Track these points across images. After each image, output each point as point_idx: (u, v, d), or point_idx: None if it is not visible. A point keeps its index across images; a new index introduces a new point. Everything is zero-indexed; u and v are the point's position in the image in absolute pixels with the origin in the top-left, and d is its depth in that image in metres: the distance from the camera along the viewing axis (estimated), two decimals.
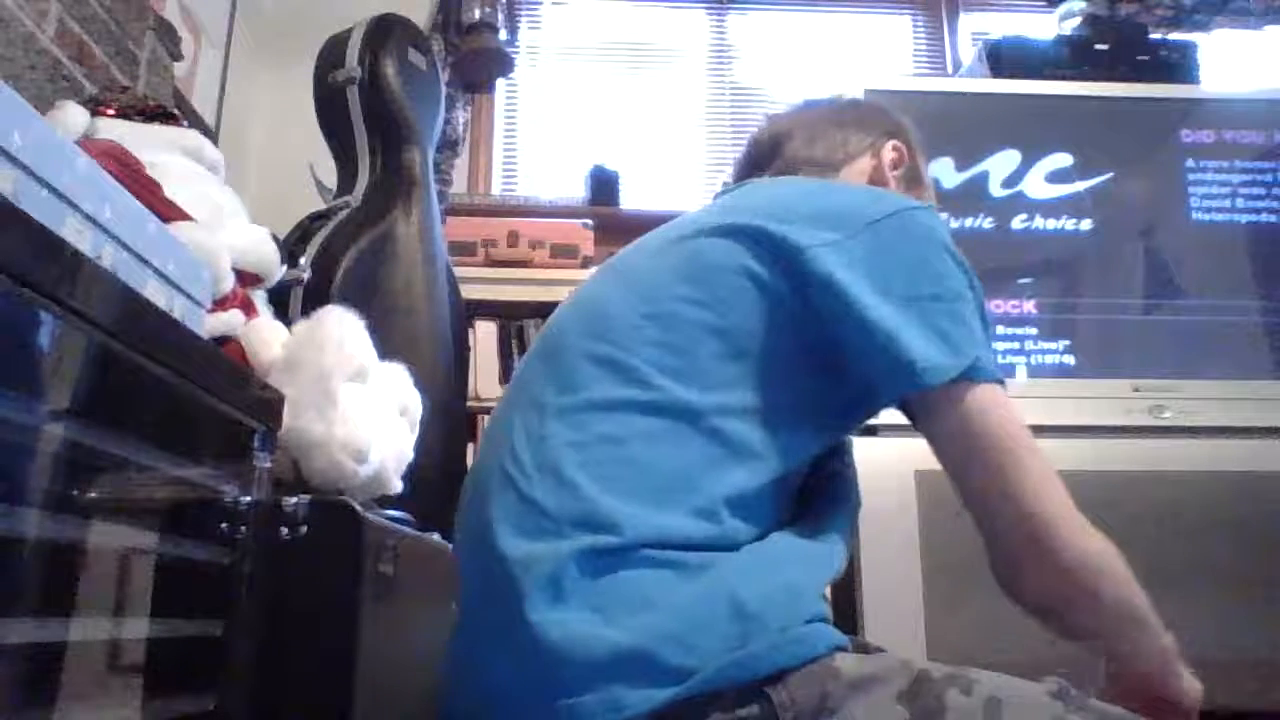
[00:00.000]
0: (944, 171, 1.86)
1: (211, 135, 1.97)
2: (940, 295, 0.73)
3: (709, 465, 0.69)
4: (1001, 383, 0.74)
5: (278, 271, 1.11)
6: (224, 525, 0.75)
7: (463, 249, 2.12)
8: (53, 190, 0.56)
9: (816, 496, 0.81)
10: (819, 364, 0.74)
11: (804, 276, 0.72)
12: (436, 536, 1.11)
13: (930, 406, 0.73)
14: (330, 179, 1.69)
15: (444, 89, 2.07)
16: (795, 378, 0.74)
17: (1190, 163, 1.92)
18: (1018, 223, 1.86)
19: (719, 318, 0.73)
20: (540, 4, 2.80)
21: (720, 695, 0.60)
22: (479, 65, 2.54)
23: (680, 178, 2.67)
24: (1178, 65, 2.10)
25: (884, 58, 2.83)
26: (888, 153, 0.99)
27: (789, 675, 0.61)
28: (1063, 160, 1.89)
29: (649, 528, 0.66)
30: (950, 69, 2.76)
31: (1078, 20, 2.28)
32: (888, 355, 0.71)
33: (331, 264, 1.42)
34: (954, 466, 0.74)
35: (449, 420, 1.58)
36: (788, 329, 0.73)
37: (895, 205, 0.77)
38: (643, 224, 0.89)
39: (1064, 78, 2.02)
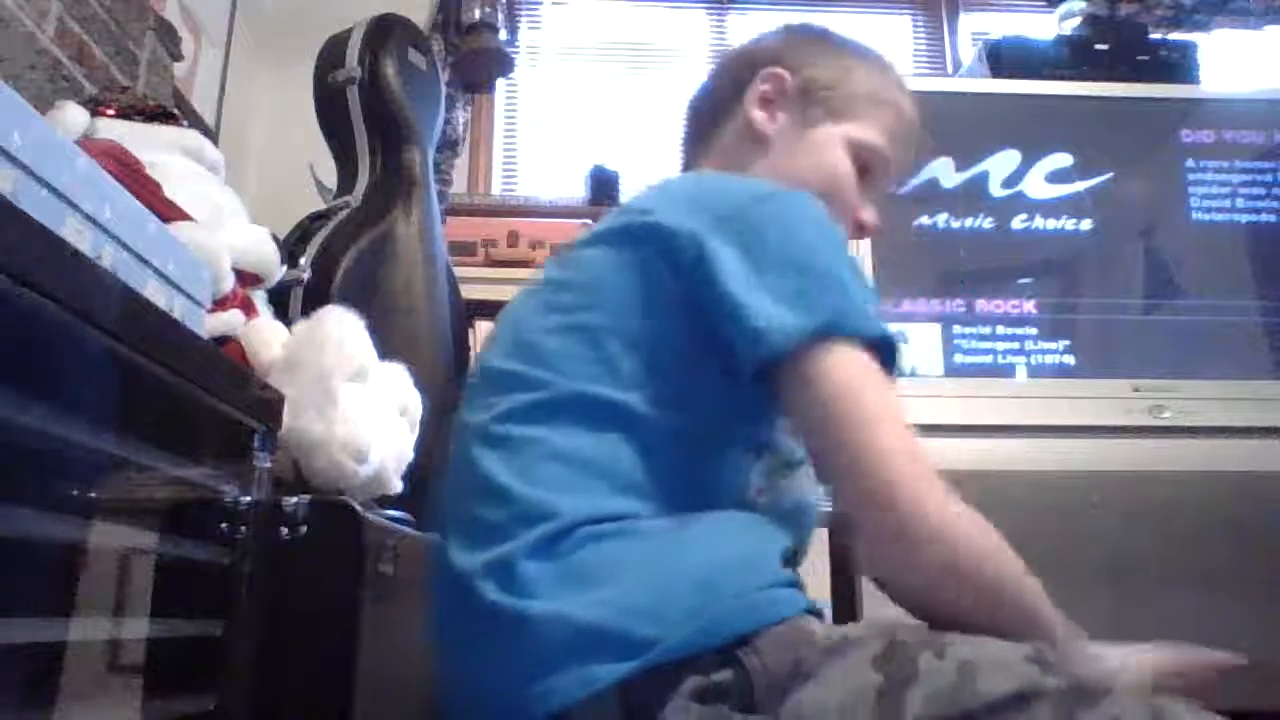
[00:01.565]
0: (944, 171, 1.86)
1: (211, 135, 1.97)
2: (801, 262, 0.69)
3: (636, 451, 0.69)
4: (882, 346, 0.68)
5: (278, 271, 1.11)
6: (224, 525, 0.75)
7: (463, 249, 2.12)
8: (53, 190, 0.56)
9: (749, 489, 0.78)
10: (710, 345, 0.71)
11: (680, 256, 0.71)
12: (436, 537, 1.11)
13: (784, 379, 0.68)
14: (330, 179, 1.69)
15: (444, 89, 2.07)
16: (694, 363, 0.72)
17: (1190, 163, 1.92)
18: (1018, 223, 1.86)
19: (611, 319, 0.72)
20: (540, 4, 2.80)
21: (691, 662, 0.61)
22: (479, 65, 2.54)
23: None
24: (1178, 65, 2.10)
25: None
26: (754, 95, 0.89)
27: (758, 639, 0.61)
28: (1063, 160, 1.89)
29: (587, 507, 0.67)
30: (950, 69, 2.76)
31: (1078, 20, 2.28)
32: (737, 321, 0.67)
33: (331, 264, 1.42)
34: (807, 443, 0.70)
35: (449, 420, 1.58)
36: (675, 312, 0.71)
37: (747, 196, 0.74)
38: None
39: (1064, 78, 2.02)
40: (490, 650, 0.67)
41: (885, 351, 0.69)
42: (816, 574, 1.58)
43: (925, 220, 1.84)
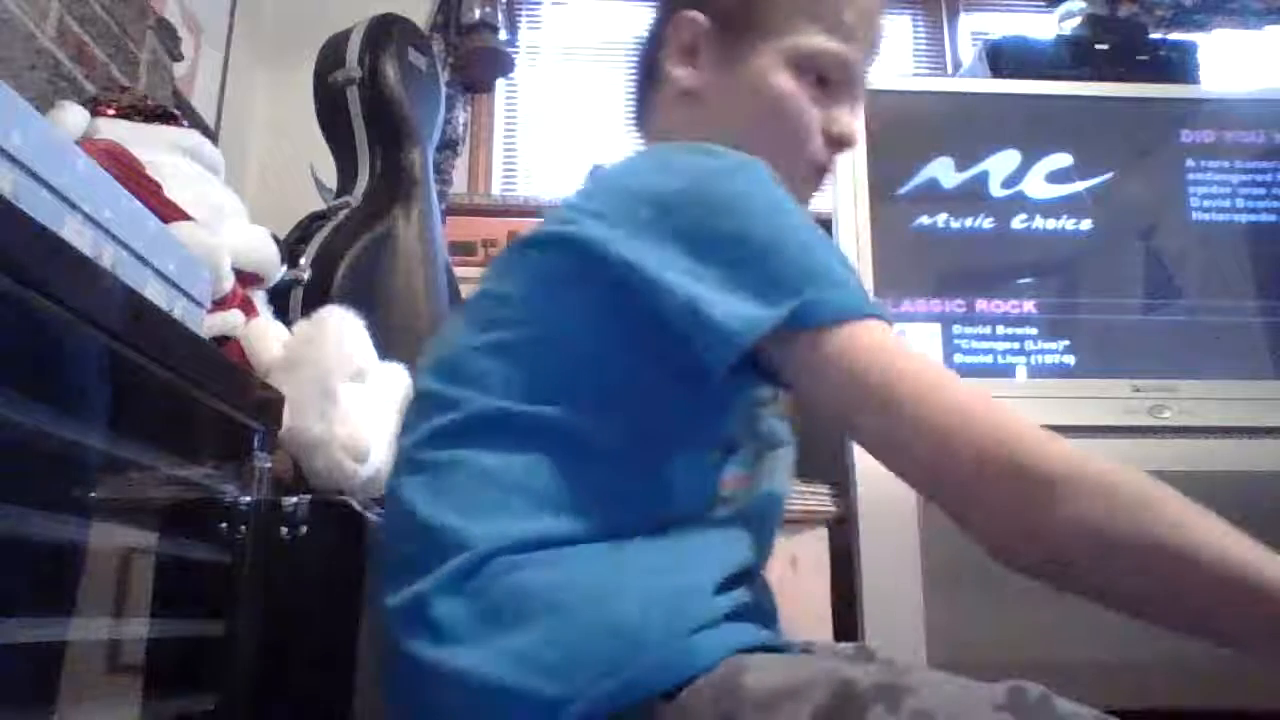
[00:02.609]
0: (944, 171, 1.86)
1: (211, 135, 1.97)
2: (747, 248, 0.62)
3: (564, 468, 0.64)
4: (878, 316, 0.61)
5: (278, 271, 1.11)
6: (224, 525, 0.75)
7: (463, 249, 2.12)
8: (53, 190, 0.56)
9: (702, 495, 0.71)
10: (652, 351, 0.65)
11: (608, 265, 0.65)
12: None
13: (787, 370, 0.62)
14: (330, 179, 1.69)
15: (444, 89, 2.07)
16: (633, 370, 0.67)
17: (1190, 163, 1.92)
18: (1018, 223, 1.86)
19: (536, 330, 0.68)
20: (540, 4, 2.80)
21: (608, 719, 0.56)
22: (479, 65, 2.54)
23: None
24: (1178, 65, 2.09)
25: (884, 57, 2.82)
26: (672, 51, 0.80)
27: (682, 693, 0.55)
28: (1063, 160, 1.89)
29: (503, 533, 0.62)
30: (950, 69, 2.76)
31: (1078, 20, 2.28)
32: (694, 323, 0.61)
33: (332, 264, 1.42)
34: (857, 436, 0.62)
35: None
36: (607, 320, 0.66)
37: (688, 176, 0.66)
38: None
39: (1064, 78, 2.02)
40: (408, 701, 0.64)
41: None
42: (818, 576, 1.58)
43: (925, 220, 1.84)
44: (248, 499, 0.77)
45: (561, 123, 2.70)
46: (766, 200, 0.65)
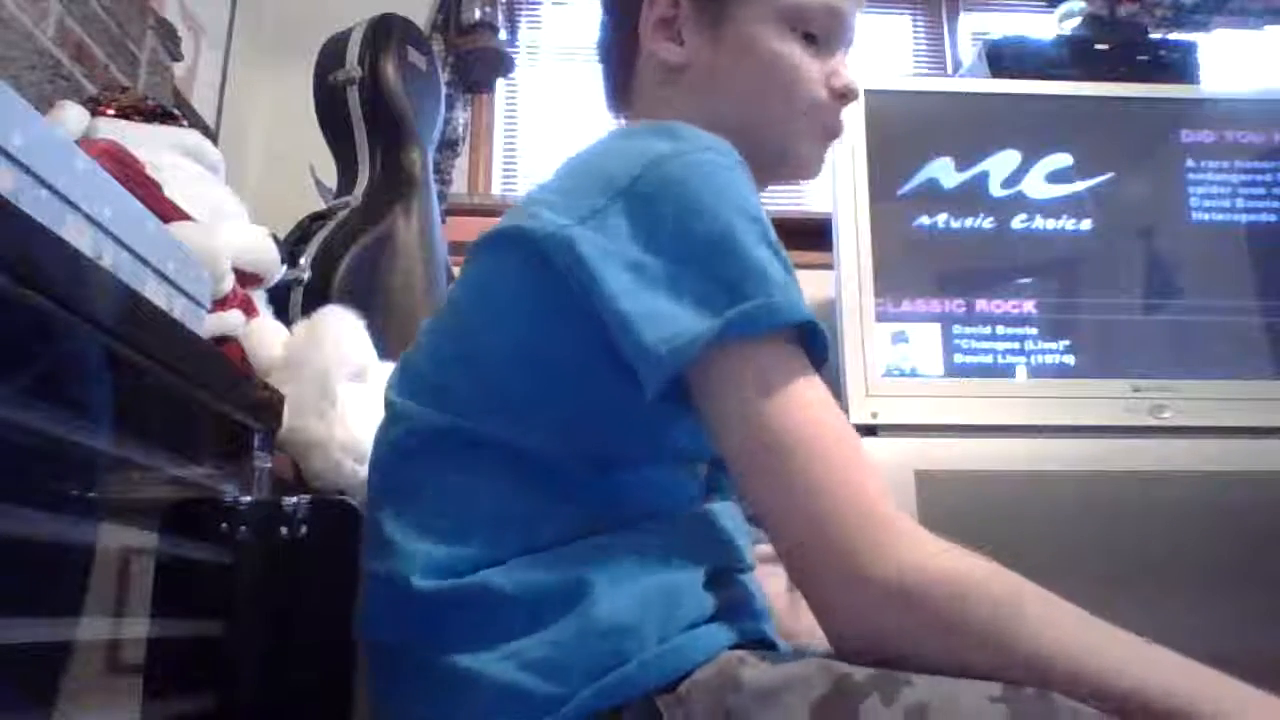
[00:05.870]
0: (944, 171, 1.86)
1: (211, 135, 1.97)
2: (689, 251, 0.59)
3: (518, 486, 0.63)
4: (806, 331, 0.59)
5: (278, 271, 1.11)
6: (224, 525, 0.75)
7: (463, 249, 2.12)
8: (53, 190, 0.56)
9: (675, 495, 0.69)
10: (610, 358, 0.61)
11: (559, 263, 0.61)
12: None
13: (693, 390, 0.59)
14: (330, 179, 1.69)
15: (444, 89, 2.07)
16: (593, 381, 0.63)
17: (1190, 163, 1.92)
18: (1018, 223, 1.86)
19: (494, 340, 0.65)
20: (540, 4, 2.80)
21: (608, 716, 0.55)
22: (479, 65, 2.54)
23: None
24: (1178, 65, 2.10)
25: (884, 58, 2.82)
26: (649, 25, 0.75)
27: (681, 687, 0.55)
28: (1063, 160, 1.89)
29: (472, 546, 0.61)
30: (950, 69, 2.76)
31: (1078, 20, 2.28)
32: (626, 338, 0.58)
33: (331, 264, 1.42)
34: (734, 469, 0.59)
35: None
36: (563, 326, 0.63)
37: (643, 162, 0.62)
38: None
39: (1064, 78, 2.02)
40: (403, 700, 0.64)
41: (810, 338, 0.59)
42: None
43: (925, 220, 1.84)
44: (248, 499, 0.77)
45: (561, 123, 2.70)
46: (721, 191, 0.61)
